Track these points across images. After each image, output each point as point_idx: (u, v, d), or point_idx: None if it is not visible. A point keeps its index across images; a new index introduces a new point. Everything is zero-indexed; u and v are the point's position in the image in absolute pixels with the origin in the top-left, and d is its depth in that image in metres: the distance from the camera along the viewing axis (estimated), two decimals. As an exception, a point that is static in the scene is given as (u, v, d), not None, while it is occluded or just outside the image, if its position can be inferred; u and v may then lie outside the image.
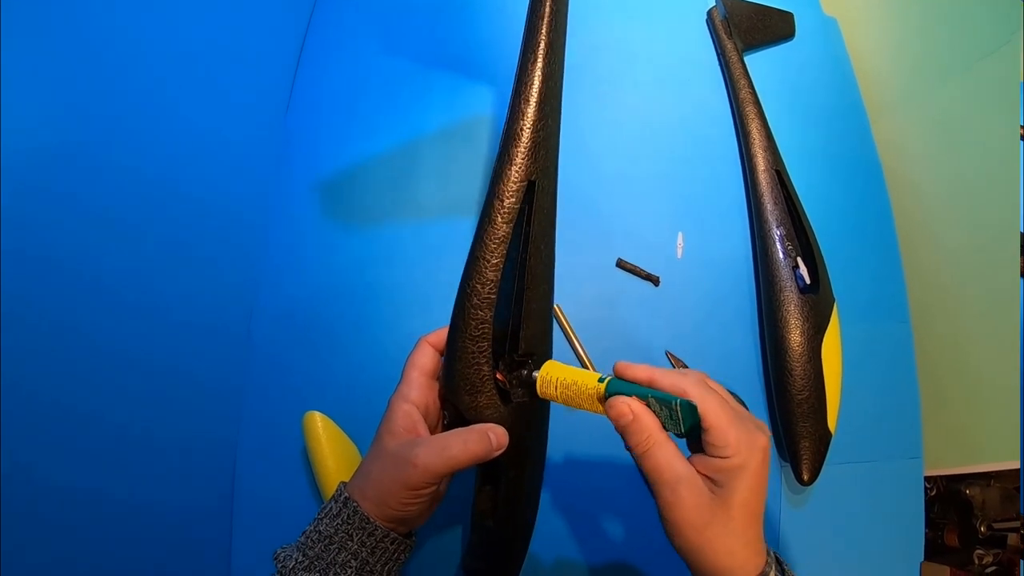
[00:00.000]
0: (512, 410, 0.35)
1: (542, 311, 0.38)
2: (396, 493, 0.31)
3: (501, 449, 0.32)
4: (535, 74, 0.36)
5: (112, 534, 0.36)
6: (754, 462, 0.28)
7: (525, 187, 0.35)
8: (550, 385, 0.33)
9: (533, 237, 0.36)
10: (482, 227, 0.35)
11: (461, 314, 0.34)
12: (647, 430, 0.29)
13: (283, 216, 0.51)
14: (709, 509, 0.28)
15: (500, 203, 0.35)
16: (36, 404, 0.32)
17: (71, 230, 0.33)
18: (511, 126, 0.36)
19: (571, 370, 0.33)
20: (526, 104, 0.36)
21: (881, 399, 0.53)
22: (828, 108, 0.61)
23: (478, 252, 0.35)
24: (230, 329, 0.47)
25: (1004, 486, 0.58)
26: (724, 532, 0.28)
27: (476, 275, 0.34)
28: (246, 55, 0.49)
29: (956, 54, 0.54)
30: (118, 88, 0.36)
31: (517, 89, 0.37)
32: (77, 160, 0.33)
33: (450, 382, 0.34)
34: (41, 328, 0.32)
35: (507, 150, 0.36)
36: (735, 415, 0.29)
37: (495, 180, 0.36)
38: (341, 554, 0.31)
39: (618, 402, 0.30)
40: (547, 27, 0.37)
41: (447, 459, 0.31)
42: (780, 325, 0.49)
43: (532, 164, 0.36)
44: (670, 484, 0.28)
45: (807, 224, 0.52)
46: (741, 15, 0.60)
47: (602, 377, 0.31)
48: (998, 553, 0.56)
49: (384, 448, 0.32)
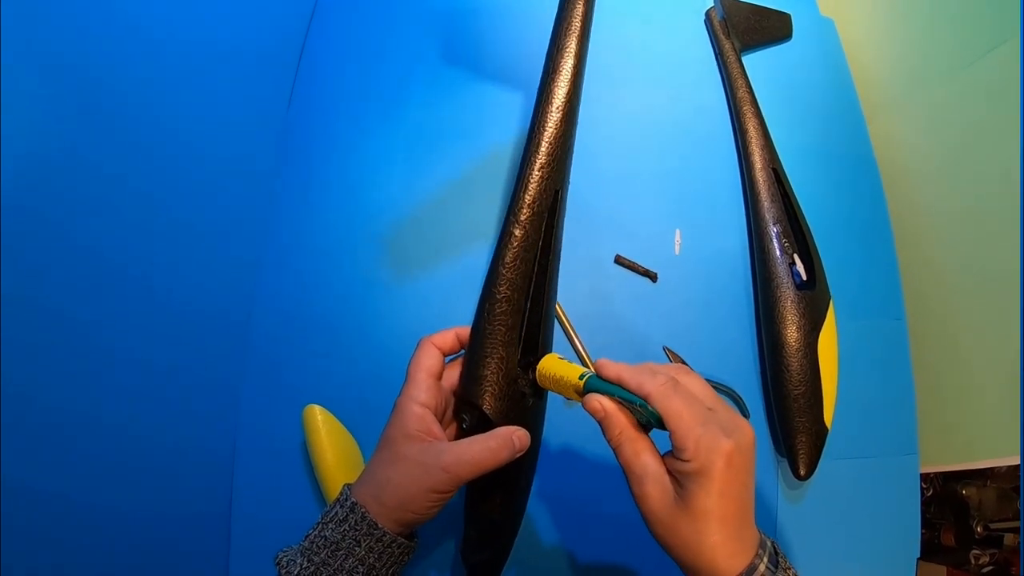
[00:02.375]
0: (530, 410, 0.35)
1: (552, 312, 0.39)
2: (420, 498, 0.31)
3: (524, 451, 0.32)
4: (564, 85, 0.37)
5: (108, 529, 0.36)
6: (715, 468, 0.27)
7: (552, 196, 0.36)
8: (545, 379, 0.34)
9: (554, 244, 0.37)
10: (510, 235, 0.35)
11: (490, 319, 0.34)
12: (618, 426, 0.30)
13: (283, 212, 0.51)
14: (673, 507, 0.28)
15: (531, 212, 0.36)
16: (33, 400, 0.32)
17: (70, 228, 0.33)
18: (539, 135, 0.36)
19: (561, 365, 0.34)
20: (556, 113, 0.37)
21: (877, 395, 0.53)
22: (825, 107, 0.61)
23: (507, 259, 0.35)
24: (230, 323, 0.48)
25: (1001, 486, 0.59)
26: (690, 531, 0.28)
27: (505, 281, 0.35)
28: (247, 53, 0.50)
29: (952, 54, 0.55)
30: (118, 84, 0.36)
31: (543, 97, 0.37)
32: (76, 157, 0.33)
33: (477, 387, 0.34)
34: (37, 325, 0.32)
35: (535, 160, 0.36)
36: (700, 416, 0.28)
37: (524, 188, 0.36)
38: (348, 560, 0.31)
39: (592, 399, 0.31)
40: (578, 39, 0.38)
41: (475, 464, 0.31)
42: (776, 321, 0.49)
43: (557, 175, 0.37)
44: (637, 478, 0.29)
45: (804, 222, 0.53)
46: (739, 15, 0.61)
47: (583, 374, 0.32)
48: (995, 553, 0.56)
49: (402, 453, 0.32)
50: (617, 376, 0.31)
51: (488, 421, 0.34)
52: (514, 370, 0.34)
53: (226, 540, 0.44)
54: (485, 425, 0.34)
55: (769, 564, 0.28)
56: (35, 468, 0.32)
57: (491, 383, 0.34)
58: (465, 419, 0.36)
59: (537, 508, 0.46)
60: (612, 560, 0.46)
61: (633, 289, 0.52)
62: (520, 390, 0.35)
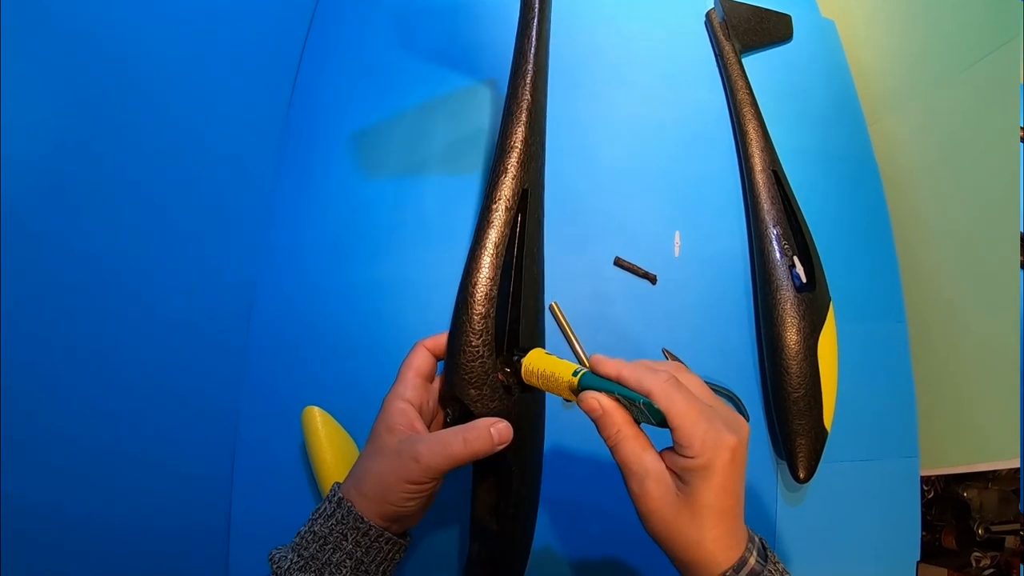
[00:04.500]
0: (515, 403, 0.35)
1: (536, 308, 0.40)
2: (397, 488, 0.31)
3: (504, 443, 0.32)
4: (524, 96, 0.41)
5: (107, 531, 0.36)
6: (719, 462, 0.28)
7: (520, 195, 0.39)
8: (532, 375, 0.33)
9: (527, 240, 0.39)
10: (481, 231, 0.38)
11: (464, 311, 0.36)
12: (616, 424, 0.30)
13: (283, 213, 0.52)
14: (675, 504, 0.28)
15: (497, 209, 0.38)
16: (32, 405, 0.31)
17: (66, 229, 0.33)
18: (505, 141, 0.40)
19: (551, 361, 0.33)
20: (517, 123, 0.40)
21: (877, 397, 0.53)
22: (825, 109, 0.61)
23: (478, 253, 0.37)
24: (230, 324, 0.48)
25: (1002, 488, 0.58)
26: (691, 526, 0.28)
27: (477, 274, 0.36)
28: (248, 52, 0.50)
29: (953, 56, 0.55)
30: (119, 83, 0.36)
31: (509, 109, 0.41)
32: (76, 157, 0.33)
33: (455, 377, 0.35)
34: (34, 328, 0.32)
35: (502, 162, 0.39)
36: (703, 413, 0.28)
37: (492, 188, 0.39)
38: (336, 554, 0.31)
39: (588, 397, 0.30)
40: (534, 54, 0.42)
41: (448, 455, 0.31)
42: (776, 323, 0.49)
43: (525, 174, 0.39)
44: (637, 477, 0.29)
45: (804, 224, 0.53)
46: (739, 17, 0.61)
47: (577, 370, 0.32)
48: (996, 555, 0.56)
49: (383, 445, 0.32)
50: (617, 373, 0.30)
51: (469, 413, 0.35)
52: (490, 358, 0.35)
53: (225, 542, 0.45)
54: (466, 417, 0.34)
55: (759, 558, 0.29)
56: (33, 473, 0.32)
57: (468, 371, 0.35)
58: (449, 413, 0.36)
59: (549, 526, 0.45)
60: (611, 560, 0.46)
61: (632, 291, 0.52)
62: (503, 383, 0.35)
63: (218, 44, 0.45)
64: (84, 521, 0.35)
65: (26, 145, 0.30)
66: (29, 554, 0.31)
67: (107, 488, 0.36)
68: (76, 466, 0.34)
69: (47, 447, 0.33)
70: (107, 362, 0.36)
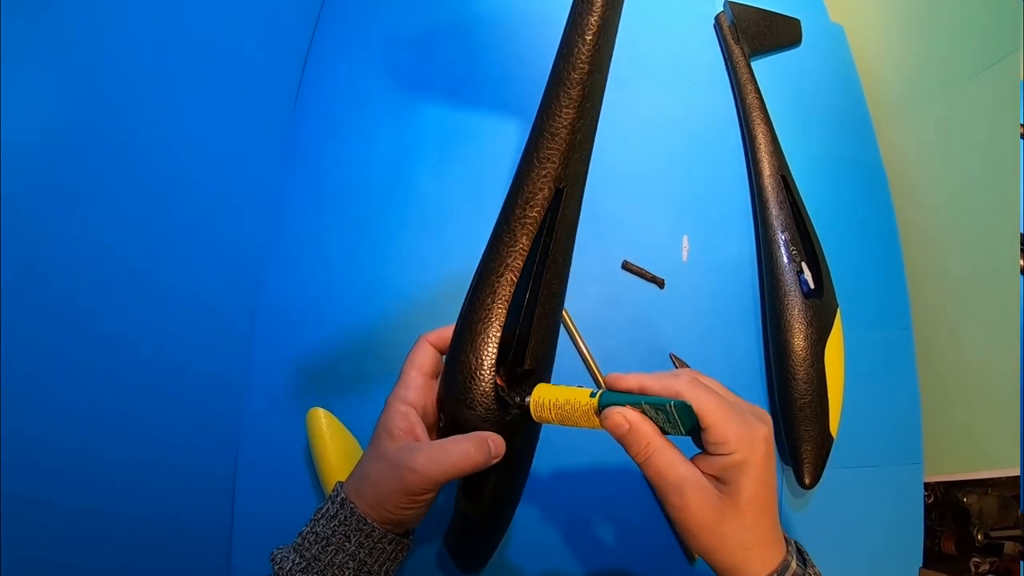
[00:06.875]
0: (508, 421, 0.33)
1: (551, 327, 0.34)
2: (393, 498, 0.31)
3: (499, 457, 0.31)
4: (580, 63, 0.30)
5: (109, 529, 0.36)
6: (757, 455, 0.27)
7: (552, 196, 0.31)
8: (543, 408, 0.31)
9: (553, 251, 0.32)
10: (498, 237, 0.31)
11: (468, 327, 0.32)
12: (645, 437, 0.29)
13: (288, 212, 0.51)
14: (718, 508, 0.28)
15: (522, 212, 0.31)
16: (35, 401, 0.31)
17: (73, 226, 0.33)
18: (544, 124, 0.30)
19: (562, 389, 0.31)
20: (566, 99, 0.30)
21: (882, 404, 0.53)
22: (833, 114, 0.61)
23: (492, 264, 0.31)
24: (234, 324, 0.47)
25: (1001, 494, 0.59)
26: (737, 528, 0.27)
27: (487, 289, 0.31)
28: (253, 52, 0.49)
29: (961, 63, 0.55)
30: (126, 81, 0.36)
31: (556, 80, 0.30)
32: (82, 152, 0.33)
33: (448, 392, 0.32)
34: (38, 324, 0.31)
35: (536, 152, 0.30)
36: (732, 409, 0.28)
37: (519, 184, 0.31)
38: (339, 555, 0.31)
39: (613, 413, 0.29)
40: (601, 5, 0.30)
41: (447, 467, 0.30)
42: (784, 329, 0.49)
43: (563, 170, 0.30)
44: (675, 488, 0.28)
45: (811, 229, 0.53)
46: (748, 21, 0.61)
47: (593, 392, 0.30)
48: (995, 561, 0.56)
49: (382, 451, 0.32)
50: (639, 383, 0.30)
51: (457, 424, 0.32)
52: (489, 384, 0.32)
53: (228, 542, 0.44)
54: (456, 428, 0.32)
55: (799, 562, 0.28)
56: (35, 473, 0.31)
57: (463, 391, 0.32)
58: (442, 418, 0.35)
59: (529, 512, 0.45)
60: (607, 563, 0.46)
61: (640, 295, 0.52)
62: (500, 395, 0.32)
63: (224, 43, 0.45)
64: (87, 520, 0.35)
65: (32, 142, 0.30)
66: (29, 554, 0.31)
67: (110, 487, 0.36)
68: (78, 465, 0.34)
69: (48, 446, 0.32)
70: (111, 360, 0.36)
